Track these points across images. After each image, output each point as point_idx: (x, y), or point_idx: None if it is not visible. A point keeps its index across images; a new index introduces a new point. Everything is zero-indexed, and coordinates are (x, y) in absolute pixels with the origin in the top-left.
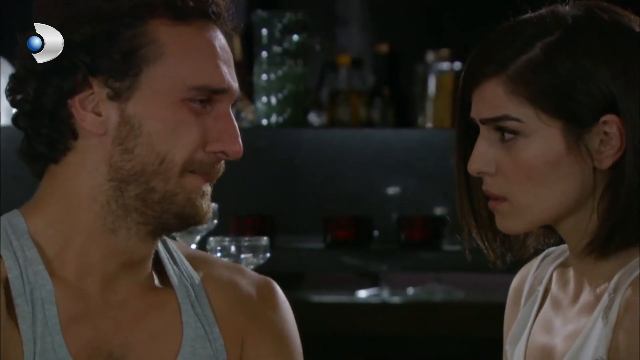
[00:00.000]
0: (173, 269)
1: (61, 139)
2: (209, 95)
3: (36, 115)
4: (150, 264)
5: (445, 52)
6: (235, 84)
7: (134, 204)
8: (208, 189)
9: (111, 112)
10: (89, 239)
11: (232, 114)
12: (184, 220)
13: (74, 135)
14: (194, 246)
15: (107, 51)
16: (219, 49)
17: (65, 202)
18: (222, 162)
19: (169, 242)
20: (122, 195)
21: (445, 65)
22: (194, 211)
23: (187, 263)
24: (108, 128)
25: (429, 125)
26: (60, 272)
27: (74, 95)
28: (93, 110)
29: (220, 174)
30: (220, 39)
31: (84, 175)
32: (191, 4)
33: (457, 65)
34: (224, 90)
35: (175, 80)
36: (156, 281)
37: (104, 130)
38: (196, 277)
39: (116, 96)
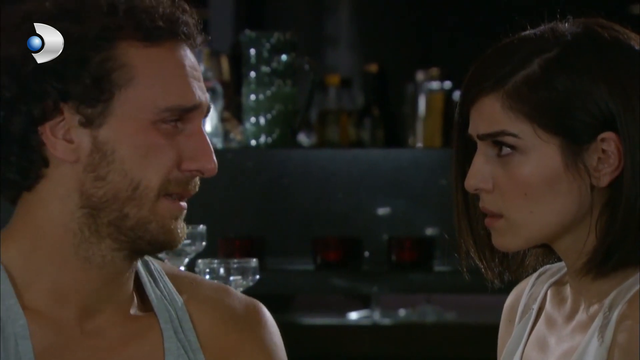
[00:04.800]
0: (154, 292)
1: (32, 167)
2: (180, 115)
3: (5, 143)
4: (130, 288)
5: (435, 71)
6: (205, 97)
7: (106, 230)
8: (183, 211)
9: (83, 139)
10: (62, 267)
11: (203, 129)
12: (158, 247)
13: (45, 163)
14: (182, 268)
15: (78, 76)
16: (188, 68)
17: (38, 230)
18: (197, 178)
19: (153, 262)
20: (95, 222)
21: (435, 85)
22: (168, 237)
23: (170, 285)
24: (80, 155)
25: (419, 145)
26: (34, 304)
27: (44, 122)
28: (64, 137)
29: (196, 190)
30: (189, 57)
31: (56, 203)
32: (161, 24)
33: (447, 84)
34: (196, 107)
35: (146, 103)
36: (137, 307)
37: (76, 158)
38: (179, 300)
39: (88, 123)
